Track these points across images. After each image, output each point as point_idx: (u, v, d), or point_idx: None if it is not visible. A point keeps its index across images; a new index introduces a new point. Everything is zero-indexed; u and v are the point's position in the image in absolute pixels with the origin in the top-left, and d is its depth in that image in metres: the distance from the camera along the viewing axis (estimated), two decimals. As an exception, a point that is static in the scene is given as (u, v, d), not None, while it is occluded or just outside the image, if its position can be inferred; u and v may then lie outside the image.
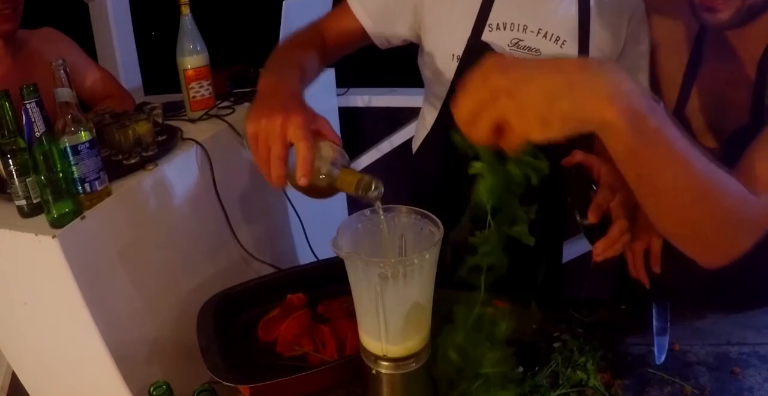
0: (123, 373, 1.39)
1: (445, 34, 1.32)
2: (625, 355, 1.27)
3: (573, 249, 3.26)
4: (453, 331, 1.04)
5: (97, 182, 1.36)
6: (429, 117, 1.48)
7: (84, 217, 1.32)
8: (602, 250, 1.12)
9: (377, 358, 0.94)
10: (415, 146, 1.58)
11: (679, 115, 1.35)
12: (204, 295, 1.34)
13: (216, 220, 1.80)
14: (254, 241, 1.99)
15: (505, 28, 1.28)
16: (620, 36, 1.29)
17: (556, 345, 1.27)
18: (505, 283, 1.45)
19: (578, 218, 1.14)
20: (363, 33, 1.37)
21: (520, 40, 1.28)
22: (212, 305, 1.30)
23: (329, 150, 0.96)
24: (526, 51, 1.29)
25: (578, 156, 1.17)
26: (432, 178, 1.48)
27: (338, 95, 2.95)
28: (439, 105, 1.42)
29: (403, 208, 0.95)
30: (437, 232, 0.89)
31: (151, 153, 1.58)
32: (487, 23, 1.27)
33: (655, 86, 1.44)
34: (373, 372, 0.95)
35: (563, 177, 1.17)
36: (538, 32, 1.28)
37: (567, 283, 1.84)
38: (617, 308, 1.42)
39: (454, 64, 1.32)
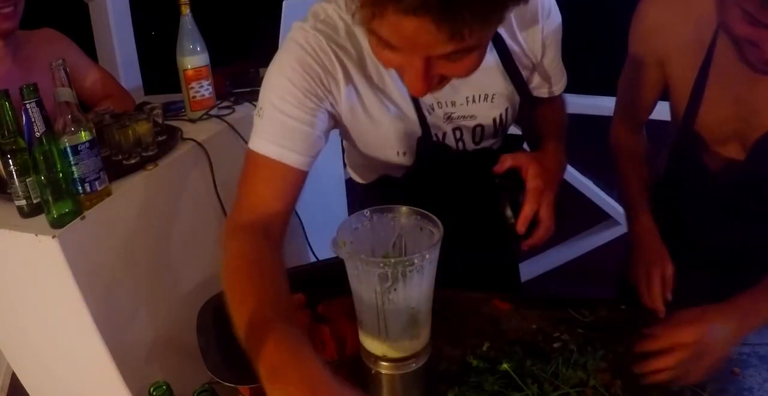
0: (123, 373, 1.39)
1: (380, 136, 1.24)
2: (625, 355, 1.27)
3: (571, 250, 3.27)
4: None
5: (97, 182, 1.36)
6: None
7: (84, 217, 1.32)
8: (528, 247, 1.25)
9: (377, 359, 0.94)
10: None
11: (688, 125, 1.43)
12: (204, 295, 1.33)
13: (216, 220, 1.80)
14: (255, 241, 1.98)
15: (439, 107, 1.23)
16: (538, 52, 1.29)
17: (556, 345, 1.27)
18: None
19: (508, 217, 1.21)
20: (300, 175, 1.13)
21: (452, 113, 1.26)
22: (212, 305, 1.29)
23: None
24: (461, 120, 1.27)
25: (508, 161, 1.22)
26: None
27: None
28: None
29: (403, 208, 0.95)
30: (437, 232, 0.89)
31: (151, 153, 1.58)
32: (422, 110, 1.20)
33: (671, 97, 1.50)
34: (373, 372, 0.95)
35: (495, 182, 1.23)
36: (466, 100, 1.25)
37: (565, 284, 1.85)
38: (617, 308, 1.42)
39: (402, 159, 1.27)
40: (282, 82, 1.09)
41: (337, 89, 1.13)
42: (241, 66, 2.38)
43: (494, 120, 1.30)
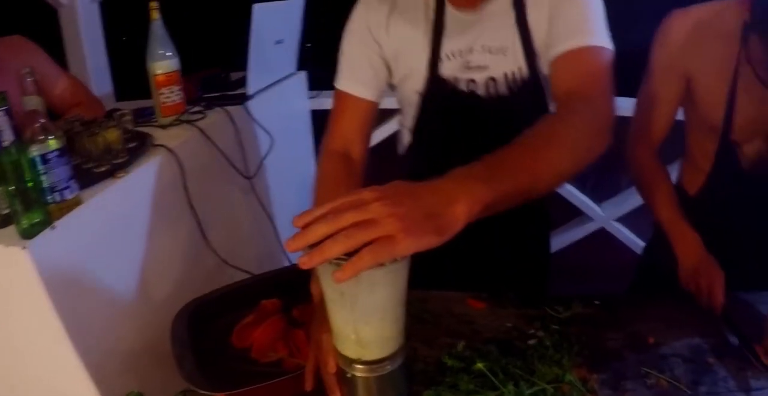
0: (97, 383, 1.38)
1: (407, 76, 1.44)
2: (600, 349, 1.28)
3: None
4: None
5: (67, 191, 1.34)
6: (404, 139, 1.61)
7: (54, 227, 1.31)
8: None
9: (352, 362, 0.94)
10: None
11: (726, 136, 1.50)
12: (178, 302, 1.33)
13: (188, 227, 1.79)
14: (228, 246, 1.98)
15: (455, 57, 1.39)
16: (550, 21, 1.33)
17: (531, 342, 1.27)
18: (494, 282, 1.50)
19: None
20: (373, 105, 1.45)
21: (468, 61, 1.39)
22: (186, 313, 1.29)
23: None
24: (476, 70, 1.40)
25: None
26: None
27: (310, 98, 2.94)
28: (408, 133, 1.57)
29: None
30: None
31: (121, 160, 1.57)
32: (440, 57, 1.38)
33: (701, 111, 1.55)
34: (349, 376, 0.95)
35: None
36: (482, 49, 1.38)
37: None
38: (591, 304, 1.43)
39: (418, 99, 1.46)
40: (348, 32, 1.44)
41: (384, 36, 1.41)
42: (212, 70, 2.37)
43: (505, 75, 1.40)
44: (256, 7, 2.11)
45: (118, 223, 1.50)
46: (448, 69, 1.40)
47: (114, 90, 2.77)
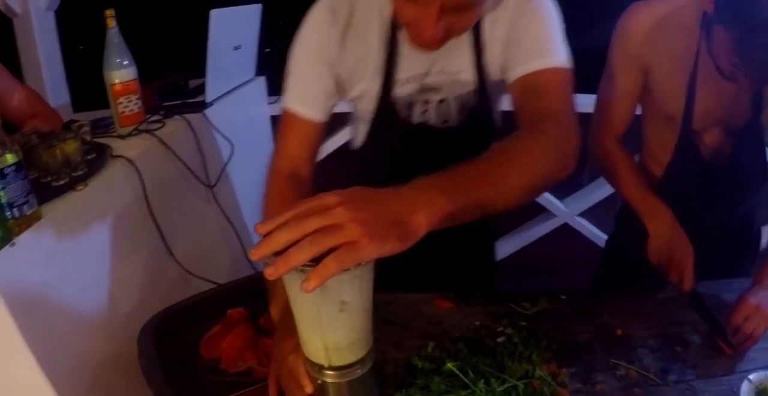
0: (65, 401, 1.36)
1: (361, 96, 1.42)
2: (569, 343, 1.30)
3: (509, 245, 3.31)
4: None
5: (25, 206, 1.32)
6: (357, 140, 1.59)
7: (14, 244, 1.28)
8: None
9: (321, 368, 0.93)
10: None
11: (687, 126, 1.53)
12: (144, 315, 1.31)
13: (151, 238, 1.77)
14: (192, 257, 1.97)
15: (410, 82, 1.37)
16: (508, 43, 1.32)
17: (500, 339, 1.28)
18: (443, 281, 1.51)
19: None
20: (322, 125, 1.40)
21: (424, 84, 1.38)
22: (152, 326, 1.27)
23: None
24: (432, 91, 1.39)
25: None
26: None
27: (270, 104, 2.91)
28: (360, 139, 1.55)
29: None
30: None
31: (80, 173, 1.54)
32: (394, 81, 1.37)
33: (659, 102, 1.58)
34: (319, 382, 0.94)
35: None
36: (438, 72, 1.37)
37: (507, 278, 1.88)
38: (558, 298, 1.44)
39: (371, 118, 1.44)
40: (298, 50, 1.36)
41: (337, 56, 1.35)
42: (171, 78, 2.35)
43: (457, 98, 1.40)
44: (214, 13, 2.09)
45: (79, 236, 1.47)
46: (402, 92, 1.39)
47: (71, 100, 2.73)
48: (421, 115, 1.42)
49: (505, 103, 1.41)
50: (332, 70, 1.36)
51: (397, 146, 1.46)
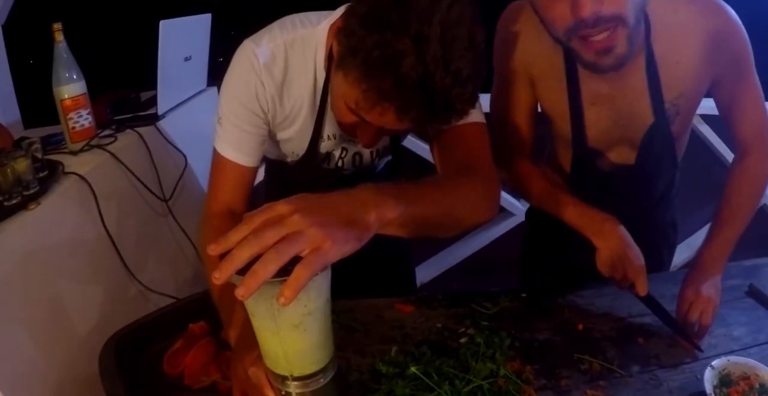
0: (26, 426, 1.33)
1: (290, 140, 1.42)
2: (532, 341, 1.31)
3: (468, 246, 3.34)
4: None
5: (-24, 228, 1.29)
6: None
7: (-33, 266, 1.25)
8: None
9: (284, 379, 0.93)
10: None
11: (581, 145, 1.47)
12: (104, 334, 1.29)
13: (107, 256, 1.75)
14: (150, 272, 1.95)
15: (335, 137, 1.41)
16: None
17: (463, 340, 1.29)
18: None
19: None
20: (255, 170, 1.39)
21: (343, 139, 1.42)
22: (113, 344, 1.25)
23: None
24: (350, 143, 1.44)
25: None
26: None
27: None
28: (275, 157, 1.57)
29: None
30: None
31: (32, 191, 1.51)
32: (320, 137, 1.40)
33: (550, 121, 1.53)
34: (283, 393, 0.94)
35: None
36: None
37: (467, 279, 1.89)
38: (518, 297, 1.45)
39: (295, 158, 1.47)
40: (231, 96, 1.32)
41: (275, 106, 1.33)
42: (122, 92, 2.32)
43: (371, 152, 1.47)
44: (163, 24, 2.07)
45: (33, 257, 1.44)
46: (323, 147, 1.42)
47: (22, 117, 2.67)
48: (338, 161, 1.47)
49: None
50: (265, 119, 1.35)
51: (308, 183, 1.40)
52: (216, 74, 2.69)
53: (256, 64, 1.27)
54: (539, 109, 1.54)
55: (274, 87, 1.30)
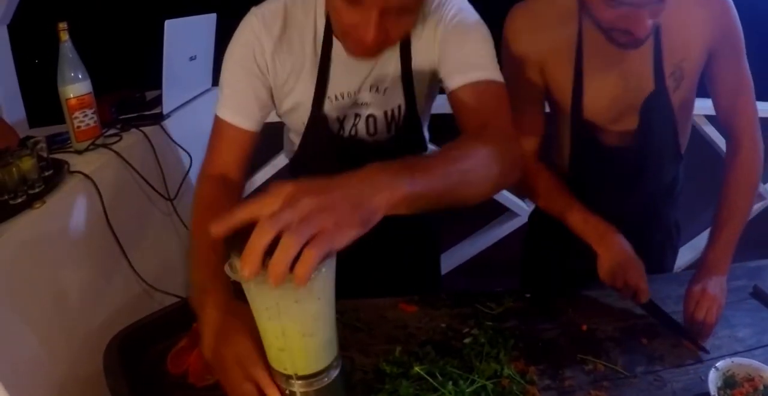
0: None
1: (293, 109, 1.43)
2: (536, 341, 1.31)
3: (473, 246, 3.33)
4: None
5: (-19, 227, 1.30)
6: (289, 150, 1.63)
7: (-28, 265, 1.26)
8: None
9: (288, 378, 0.93)
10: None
11: (578, 117, 1.51)
12: (108, 333, 1.29)
13: (112, 254, 1.75)
14: (154, 271, 1.95)
15: (343, 98, 1.39)
16: (435, 55, 1.35)
17: (467, 340, 1.29)
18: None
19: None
20: (255, 134, 1.39)
21: (356, 99, 1.41)
22: (117, 343, 1.26)
23: None
24: (363, 106, 1.42)
25: None
26: None
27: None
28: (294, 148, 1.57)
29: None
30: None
31: (37, 190, 1.52)
32: (326, 97, 1.39)
33: (554, 97, 1.55)
34: (287, 392, 0.94)
35: None
36: (370, 88, 1.39)
37: (472, 279, 1.89)
38: (522, 297, 1.45)
39: (302, 129, 1.46)
40: (231, 58, 1.36)
41: (270, 66, 1.35)
42: (127, 91, 2.32)
43: (386, 113, 1.43)
44: (168, 24, 2.08)
45: (38, 255, 1.45)
46: (333, 110, 1.41)
47: (27, 116, 2.68)
48: (352, 128, 1.45)
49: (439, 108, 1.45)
50: (265, 81, 1.36)
51: (328, 157, 1.47)
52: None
53: (256, 25, 1.32)
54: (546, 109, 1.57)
55: (272, 43, 1.32)
